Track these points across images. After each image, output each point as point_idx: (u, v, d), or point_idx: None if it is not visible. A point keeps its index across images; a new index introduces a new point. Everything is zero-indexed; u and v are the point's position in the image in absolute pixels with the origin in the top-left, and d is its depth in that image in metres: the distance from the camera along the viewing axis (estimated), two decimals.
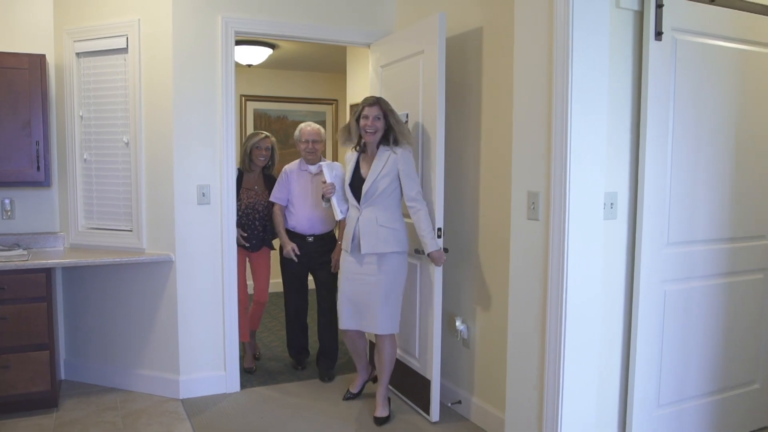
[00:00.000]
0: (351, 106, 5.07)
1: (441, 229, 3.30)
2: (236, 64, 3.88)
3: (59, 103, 3.90)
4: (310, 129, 4.07)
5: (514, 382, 2.76)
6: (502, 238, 3.13)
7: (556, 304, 2.52)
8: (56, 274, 3.90)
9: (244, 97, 6.43)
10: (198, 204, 3.72)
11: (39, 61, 3.62)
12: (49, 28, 3.87)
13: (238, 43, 4.85)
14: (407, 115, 3.54)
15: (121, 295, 3.88)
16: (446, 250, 3.33)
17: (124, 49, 3.70)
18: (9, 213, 3.87)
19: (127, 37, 3.67)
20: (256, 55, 5.50)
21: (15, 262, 3.37)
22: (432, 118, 3.32)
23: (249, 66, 5.81)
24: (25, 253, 3.56)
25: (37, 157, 3.65)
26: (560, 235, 2.48)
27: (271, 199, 4.14)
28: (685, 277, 2.89)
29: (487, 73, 3.29)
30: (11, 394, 3.39)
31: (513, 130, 2.71)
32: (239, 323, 3.97)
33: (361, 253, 3.31)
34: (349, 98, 5.16)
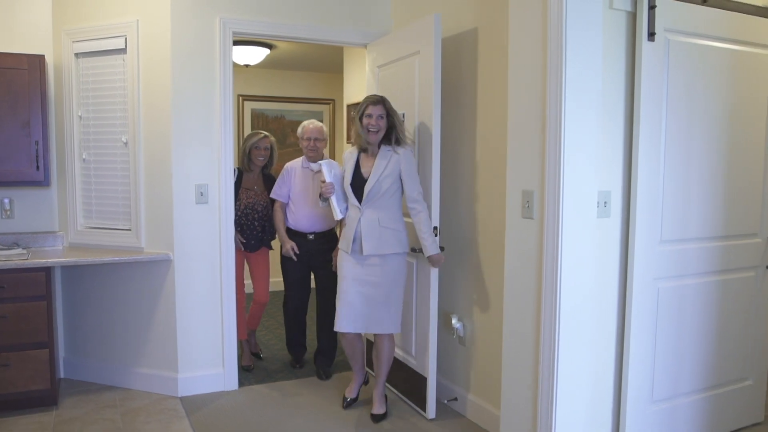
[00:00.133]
0: (348, 106, 5.08)
1: (437, 228, 3.33)
2: (234, 65, 3.90)
3: (58, 103, 3.92)
4: (313, 127, 4.05)
5: (509, 378, 2.79)
6: (497, 237, 3.15)
7: (551, 302, 2.54)
8: (55, 273, 3.92)
9: (241, 97, 6.45)
10: (196, 203, 3.74)
11: (38, 62, 3.64)
12: (47, 28, 3.89)
13: (236, 43, 4.86)
14: (403, 115, 3.56)
15: (119, 294, 3.90)
16: (442, 249, 3.36)
17: (122, 50, 3.72)
18: (8, 212, 3.89)
19: (126, 38, 3.69)
20: (253, 56, 5.52)
21: (15, 261, 3.39)
22: (428, 117, 3.35)
23: (246, 66, 5.83)
24: (25, 252, 3.58)
25: (37, 156, 3.67)
26: (554, 234, 2.52)
27: (272, 195, 4.11)
28: (678, 275, 2.92)
29: (483, 74, 3.32)
30: (11, 392, 3.41)
31: (507, 130, 2.74)
32: (237, 321, 3.98)
33: (362, 255, 3.28)
34: (346, 98, 5.19)
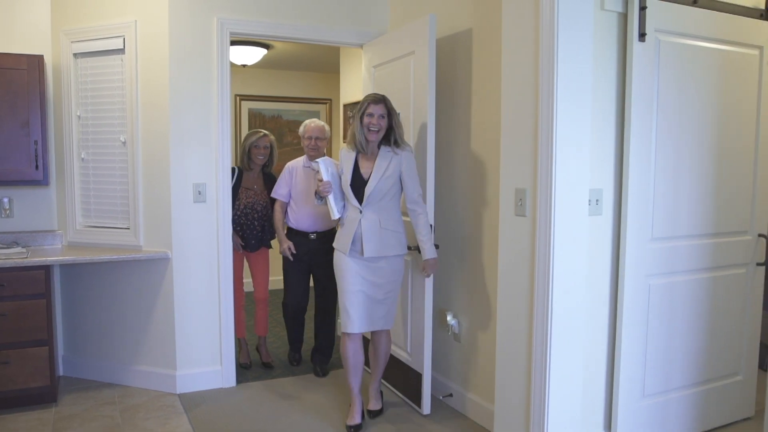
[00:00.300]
0: (344, 106, 5.11)
1: (432, 226, 3.37)
2: (231, 64, 3.93)
3: (57, 103, 3.95)
4: (314, 126, 4.03)
5: (503, 374, 2.83)
6: (491, 234, 3.20)
7: (543, 298, 2.58)
8: (55, 272, 3.95)
9: (239, 97, 6.48)
10: (194, 202, 3.77)
11: (37, 62, 3.67)
12: (46, 29, 3.92)
13: (233, 43, 4.90)
14: (399, 115, 3.59)
15: (118, 292, 3.93)
16: (437, 246, 3.39)
17: (121, 50, 3.76)
18: (7, 211, 3.91)
19: (124, 38, 3.72)
20: (250, 56, 5.55)
21: (14, 260, 3.42)
22: (423, 117, 3.39)
23: (244, 66, 5.86)
24: (24, 250, 3.62)
25: (36, 156, 3.70)
26: (546, 231, 2.55)
27: (272, 195, 4.09)
28: (669, 272, 2.96)
29: (477, 74, 3.36)
30: (11, 389, 3.45)
31: (501, 129, 2.78)
32: (235, 319, 4.02)
33: (363, 257, 3.22)
34: (342, 98, 5.21)
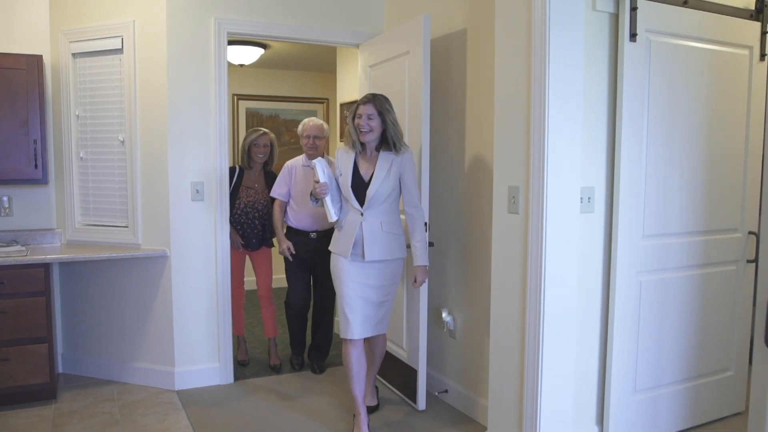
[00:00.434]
0: (341, 105, 5.15)
1: (427, 224, 3.40)
2: (229, 64, 3.96)
3: (56, 103, 3.99)
4: (312, 124, 4.01)
5: (497, 370, 2.87)
6: (486, 232, 3.23)
7: (535, 295, 2.62)
8: (54, 270, 3.99)
9: (236, 96, 6.51)
10: (192, 200, 3.81)
11: (36, 62, 3.70)
12: (45, 29, 3.95)
13: (231, 43, 4.93)
14: (394, 113, 3.63)
15: (117, 290, 3.96)
16: (432, 244, 3.43)
17: (119, 50, 3.79)
18: (7, 210, 3.95)
19: (123, 38, 3.76)
20: (248, 55, 5.58)
21: (14, 258, 3.45)
22: (417, 116, 3.43)
23: (241, 66, 5.89)
24: (24, 249, 3.65)
25: (35, 155, 3.73)
26: (538, 228, 2.60)
27: (272, 194, 4.08)
28: (660, 269, 3.00)
29: (471, 73, 3.40)
30: (11, 386, 3.48)
31: (494, 128, 2.82)
32: (233, 317, 4.06)
33: (364, 260, 3.17)
34: (339, 97, 5.25)
